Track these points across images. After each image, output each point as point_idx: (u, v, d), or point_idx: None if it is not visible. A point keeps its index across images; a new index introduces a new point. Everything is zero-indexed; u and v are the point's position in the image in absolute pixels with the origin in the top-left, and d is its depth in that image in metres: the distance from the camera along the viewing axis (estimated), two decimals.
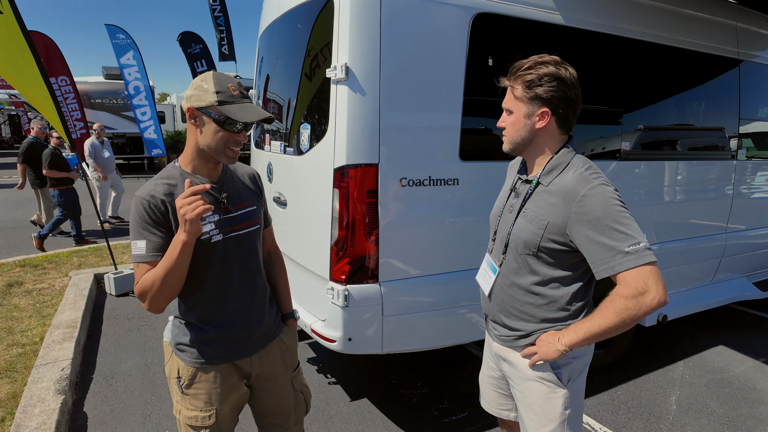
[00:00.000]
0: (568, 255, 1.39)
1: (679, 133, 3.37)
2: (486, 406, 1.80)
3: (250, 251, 1.53)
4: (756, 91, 3.84)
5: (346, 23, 2.18)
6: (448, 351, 3.56)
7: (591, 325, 1.32)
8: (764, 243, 4.13)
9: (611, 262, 1.28)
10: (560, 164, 1.42)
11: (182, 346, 1.51)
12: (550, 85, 1.36)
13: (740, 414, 2.86)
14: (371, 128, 2.23)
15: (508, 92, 1.45)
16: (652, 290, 1.24)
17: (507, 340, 1.56)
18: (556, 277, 1.42)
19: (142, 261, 1.34)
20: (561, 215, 1.35)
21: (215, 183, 1.46)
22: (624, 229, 1.27)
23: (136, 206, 1.36)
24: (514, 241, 1.47)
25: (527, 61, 1.42)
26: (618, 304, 1.27)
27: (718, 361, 3.50)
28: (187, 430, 1.52)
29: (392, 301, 2.40)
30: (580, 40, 2.78)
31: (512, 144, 1.47)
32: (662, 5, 3.10)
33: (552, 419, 1.47)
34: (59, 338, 3.47)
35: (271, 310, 1.64)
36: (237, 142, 1.38)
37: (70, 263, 5.52)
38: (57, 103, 4.29)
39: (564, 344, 1.37)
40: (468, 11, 2.39)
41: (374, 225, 2.30)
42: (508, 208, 1.55)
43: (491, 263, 1.59)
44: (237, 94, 1.36)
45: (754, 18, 3.73)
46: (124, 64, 13.41)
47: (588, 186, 1.32)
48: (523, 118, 1.41)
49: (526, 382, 1.51)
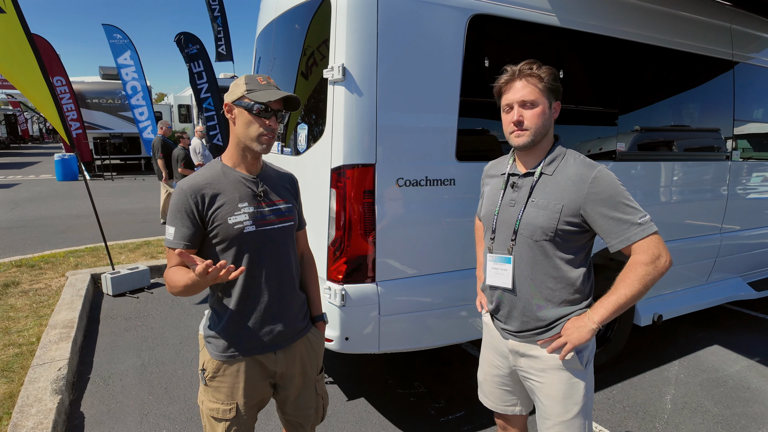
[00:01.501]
0: (579, 236, 1.52)
1: (674, 134, 3.40)
2: (489, 404, 1.83)
3: (281, 246, 1.58)
4: (750, 92, 3.87)
5: (343, 24, 2.19)
6: (444, 351, 3.58)
7: (617, 297, 1.43)
8: (759, 243, 4.16)
9: (627, 233, 1.43)
10: (559, 155, 1.56)
11: (210, 338, 1.57)
12: (558, 81, 1.54)
13: (734, 413, 2.88)
14: (368, 128, 2.25)
15: (524, 87, 1.50)
16: (664, 254, 1.42)
17: (525, 336, 1.60)
18: (569, 259, 1.53)
19: (169, 246, 1.48)
20: (574, 197, 1.47)
21: (255, 177, 1.55)
22: (632, 204, 1.45)
23: (176, 195, 1.47)
24: (528, 228, 1.53)
25: (529, 62, 1.53)
26: (640, 270, 1.41)
27: (712, 361, 3.52)
28: (209, 420, 1.59)
29: (389, 301, 2.41)
30: (576, 41, 2.80)
31: (536, 135, 1.52)
32: (657, 7, 3.12)
33: (576, 403, 1.55)
34: (56, 338, 3.47)
35: (301, 309, 1.67)
36: (268, 128, 1.47)
37: (66, 263, 5.51)
38: (58, 103, 4.30)
39: (595, 322, 1.46)
40: (464, 13, 2.41)
41: (371, 225, 2.31)
42: (507, 203, 1.61)
43: (500, 257, 1.62)
44: (264, 84, 1.49)
45: (749, 20, 3.76)
46: (122, 64, 13.40)
47: (596, 169, 1.47)
48: (548, 110, 1.53)
49: (549, 372, 1.57)
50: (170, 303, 4.54)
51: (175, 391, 3.02)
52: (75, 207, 9.58)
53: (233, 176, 1.51)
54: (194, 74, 11.62)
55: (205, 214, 1.46)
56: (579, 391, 1.54)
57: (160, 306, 4.47)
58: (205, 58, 12.11)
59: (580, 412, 1.55)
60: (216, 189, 1.47)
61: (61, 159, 14.01)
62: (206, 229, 1.48)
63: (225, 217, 1.46)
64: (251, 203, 1.50)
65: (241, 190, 1.50)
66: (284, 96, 1.46)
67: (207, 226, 1.47)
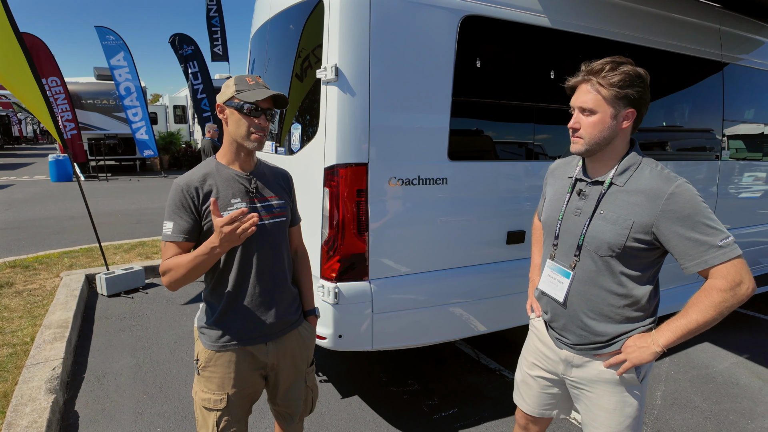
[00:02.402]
0: (648, 253, 1.42)
1: (664, 134, 3.45)
2: (525, 407, 1.79)
3: (273, 241, 1.62)
4: (739, 93, 3.92)
5: (336, 25, 2.22)
6: (438, 348, 3.60)
7: (687, 322, 1.33)
8: (749, 242, 4.22)
9: (704, 256, 1.31)
10: (633, 164, 1.44)
11: (203, 328, 1.62)
12: (639, 85, 1.38)
13: (723, 408, 2.92)
14: (361, 128, 2.27)
15: (587, 92, 1.41)
16: (746, 280, 1.29)
17: (583, 349, 1.55)
18: (635, 276, 1.44)
19: (168, 240, 1.50)
20: (647, 214, 1.36)
21: (248, 174, 1.59)
22: (714, 225, 1.32)
23: (172, 191, 1.51)
24: (593, 243, 1.45)
25: (605, 61, 1.41)
26: (716, 297, 1.30)
27: (702, 358, 3.57)
28: (201, 410, 1.63)
29: (382, 299, 2.43)
30: (566, 42, 2.83)
31: (591, 145, 1.43)
32: (647, 9, 3.16)
33: (629, 416, 1.50)
34: (50, 338, 3.47)
35: (293, 303, 1.72)
36: (258, 126, 1.51)
37: (61, 264, 5.50)
38: (49, 103, 4.29)
39: (660, 345, 1.37)
40: (456, 14, 2.44)
41: (364, 224, 2.34)
42: (572, 211, 1.53)
43: (560, 268, 1.56)
44: (253, 84, 1.53)
45: (737, 21, 3.81)
46: (115, 65, 13.37)
47: (674, 184, 1.35)
48: (609, 118, 1.40)
49: (603, 384, 1.52)
50: (165, 303, 4.55)
51: (169, 390, 3.03)
52: (69, 208, 9.54)
53: (227, 173, 1.56)
54: (189, 75, 11.58)
55: (200, 208, 1.51)
56: (633, 404, 1.50)
57: (155, 306, 4.47)
58: (200, 58, 12.07)
59: (632, 424, 1.51)
60: (210, 185, 1.53)
61: (56, 160, 13.95)
62: (201, 223, 1.52)
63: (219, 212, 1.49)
64: (244, 199, 1.56)
65: (234, 186, 1.55)
66: (272, 95, 1.50)
67: (202, 220, 1.52)
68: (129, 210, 9.46)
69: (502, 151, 2.73)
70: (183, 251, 1.52)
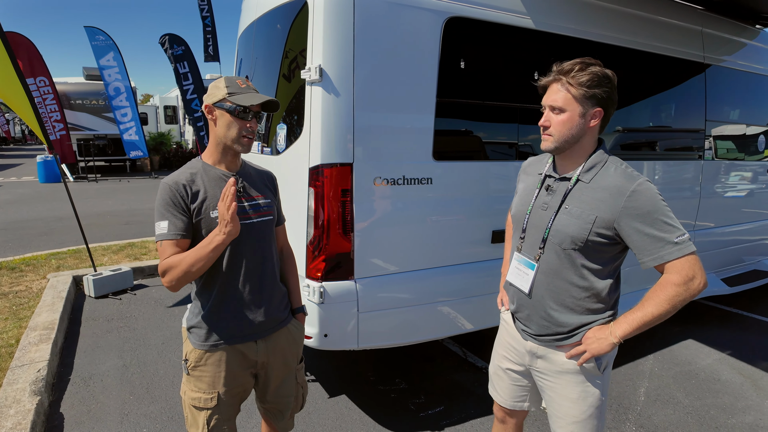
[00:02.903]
0: (610, 248, 1.47)
1: (648, 134, 3.50)
2: (498, 399, 1.84)
3: (261, 239, 1.63)
4: (722, 93, 3.99)
5: (320, 26, 2.23)
6: (425, 347, 3.63)
7: (643, 315, 1.39)
8: (732, 240, 4.29)
9: (661, 252, 1.38)
10: (599, 162, 1.49)
11: (193, 328, 1.63)
12: (606, 86, 1.44)
13: (704, 403, 2.97)
14: (345, 128, 2.29)
15: (557, 91, 1.47)
16: (698, 276, 1.36)
17: (545, 340, 1.60)
18: (596, 269, 1.49)
19: (165, 239, 1.49)
20: (609, 210, 1.42)
21: (234, 174, 1.61)
22: (671, 222, 1.38)
23: (161, 191, 1.51)
24: (557, 236, 1.50)
25: (574, 62, 1.46)
26: (670, 291, 1.37)
27: (686, 354, 3.62)
28: (190, 410, 1.63)
29: (368, 298, 2.45)
30: (550, 44, 2.87)
31: (560, 142, 1.48)
32: (630, 11, 3.21)
33: (591, 405, 1.56)
34: (36, 340, 3.44)
35: (282, 301, 1.74)
36: (249, 130, 1.53)
37: (48, 266, 5.46)
38: (34, 104, 4.26)
39: (617, 336, 1.43)
40: (440, 15, 2.46)
41: (349, 223, 2.36)
42: (539, 206, 1.58)
43: (526, 260, 1.62)
44: (244, 87, 1.54)
45: (719, 23, 3.88)
46: (104, 65, 13.25)
47: (636, 182, 1.40)
48: (578, 117, 1.45)
49: (566, 375, 1.57)
50: (153, 304, 4.53)
51: (156, 391, 3.03)
52: (58, 209, 9.45)
53: (213, 173, 1.57)
54: (180, 75, 11.50)
55: (190, 206, 1.52)
56: (594, 394, 1.55)
57: (143, 307, 4.45)
58: (190, 59, 12.02)
59: (594, 413, 1.56)
60: (197, 185, 1.54)
61: (44, 161, 13.81)
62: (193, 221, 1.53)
63: (207, 210, 1.52)
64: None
65: (222, 186, 1.56)
66: (266, 101, 1.52)
67: (193, 218, 1.53)
68: (118, 211, 9.39)
69: (487, 151, 2.76)
70: (181, 249, 1.51)
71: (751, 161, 4.37)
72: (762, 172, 4.49)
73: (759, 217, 4.56)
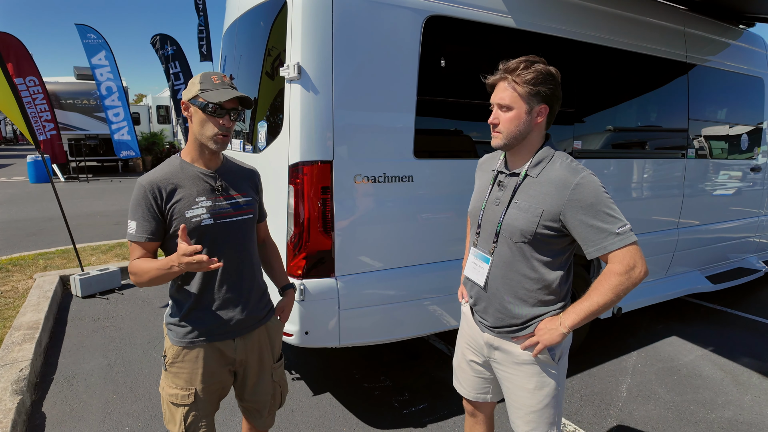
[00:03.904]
0: (558, 240, 1.52)
1: (630, 133, 3.53)
2: (462, 391, 1.88)
3: (240, 238, 1.63)
4: (705, 93, 4.03)
5: (298, 23, 2.24)
6: (411, 344, 3.64)
7: (589, 305, 1.45)
8: (715, 238, 4.33)
9: (604, 242, 1.43)
10: (546, 157, 1.54)
11: (171, 325, 1.63)
12: (550, 83, 1.49)
13: (685, 399, 3.00)
14: (325, 126, 2.29)
15: (504, 90, 1.50)
16: (639, 265, 1.42)
17: (501, 332, 1.64)
18: (546, 261, 1.54)
19: (131, 240, 1.53)
20: (555, 203, 1.46)
21: (213, 172, 1.60)
22: (614, 213, 1.43)
23: (136, 190, 1.51)
24: (508, 230, 1.55)
25: (519, 60, 1.50)
26: (613, 280, 1.42)
27: (669, 351, 3.66)
28: (168, 406, 1.63)
29: (349, 295, 2.46)
30: (531, 43, 2.89)
31: (508, 139, 1.52)
32: (612, 10, 3.24)
33: (548, 394, 1.60)
34: (19, 339, 3.43)
35: (261, 299, 1.74)
36: (223, 127, 1.51)
37: (35, 265, 5.42)
38: (22, 104, 4.23)
39: (566, 326, 1.49)
40: (420, 14, 2.47)
41: (330, 221, 2.36)
42: (492, 201, 1.63)
43: (481, 254, 1.66)
44: (218, 83, 1.52)
45: (702, 23, 3.92)
46: (96, 64, 13.16)
47: (579, 176, 1.45)
48: (524, 114, 1.50)
49: (522, 365, 1.61)
50: (140, 304, 4.52)
51: (140, 390, 3.02)
52: (48, 209, 9.39)
53: (191, 171, 1.56)
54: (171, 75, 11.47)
55: (164, 207, 1.51)
56: (550, 383, 1.60)
57: (130, 307, 4.44)
58: (182, 58, 11.97)
59: (551, 402, 1.61)
60: (174, 184, 1.53)
61: (34, 161, 13.71)
62: (166, 223, 1.53)
63: (182, 210, 1.51)
64: (209, 197, 1.56)
65: (199, 184, 1.56)
66: (237, 96, 1.50)
67: (166, 219, 1.52)
68: (109, 211, 9.35)
69: (467, 149, 2.77)
70: (148, 251, 1.53)
71: (735, 160, 4.41)
72: (745, 170, 4.54)
73: (743, 215, 4.60)
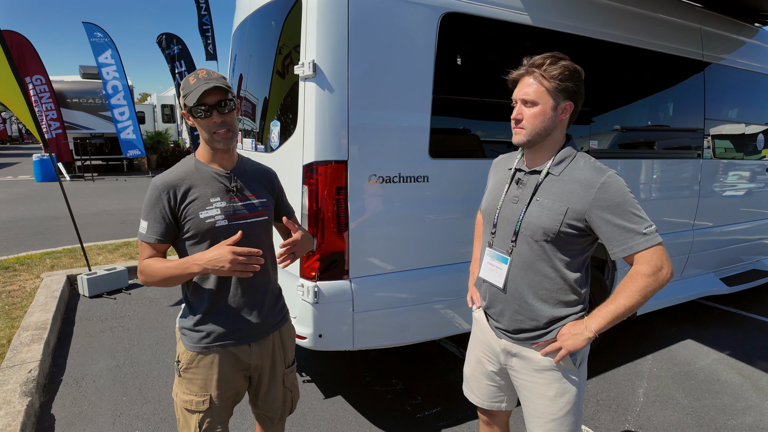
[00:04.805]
0: (581, 240, 1.49)
1: (646, 132, 3.46)
2: (475, 400, 1.82)
3: (255, 240, 1.59)
4: (720, 92, 3.96)
5: (313, 20, 2.19)
6: (422, 347, 3.59)
7: (616, 307, 1.41)
8: (730, 240, 4.26)
9: (630, 242, 1.40)
10: (568, 156, 1.51)
11: (185, 330, 1.59)
12: (576, 80, 1.46)
13: (704, 404, 2.94)
14: (340, 125, 2.25)
15: (529, 84, 1.47)
16: (666, 266, 1.39)
17: (519, 338, 1.58)
18: (568, 261, 1.51)
19: (142, 240, 1.51)
20: (581, 201, 1.43)
21: (228, 172, 1.57)
22: (640, 214, 1.41)
23: (150, 190, 1.49)
24: (529, 228, 1.50)
25: (545, 56, 1.47)
26: (640, 282, 1.39)
27: (685, 355, 3.59)
28: (182, 413, 1.60)
29: (363, 298, 2.41)
30: (548, 40, 2.83)
31: (532, 135, 1.49)
32: (628, 7, 3.18)
33: (568, 401, 1.55)
34: (27, 340, 3.40)
35: (276, 302, 1.70)
36: (216, 125, 1.47)
37: (42, 265, 5.41)
38: (30, 102, 4.21)
39: (592, 331, 1.44)
40: (436, 11, 2.42)
41: (344, 222, 2.32)
42: (510, 199, 1.59)
43: (498, 255, 1.60)
44: (194, 82, 1.46)
45: (718, 21, 3.85)
46: (102, 63, 13.21)
47: (606, 175, 1.43)
48: (550, 110, 1.46)
49: (542, 372, 1.56)
50: (148, 304, 4.49)
51: (149, 392, 2.99)
52: (54, 208, 9.39)
53: (206, 172, 1.54)
54: (177, 74, 11.46)
55: (177, 209, 1.48)
56: (571, 390, 1.55)
57: (138, 307, 4.41)
58: (187, 57, 11.98)
59: (572, 410, 1.55)
60: (188, 184, 1.50)
61: (40, 159, 13.73)
62: (178, 224, 1.50)
63: (197, 211, 1.49)
64: (223, 198, 1.53)
65: (214, 185, 1.53)
66: (209, 88, 1.42)
67: (179, 221, 1.50)
68: (115, 210, 9.34)
69: (484, 149, 2.72)
70: (158, 252, 1.51)
71: (751, 160, 4.34)
72: (761, 171, 4.46)
73: (758, 217, 4.53)
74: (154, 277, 1.47)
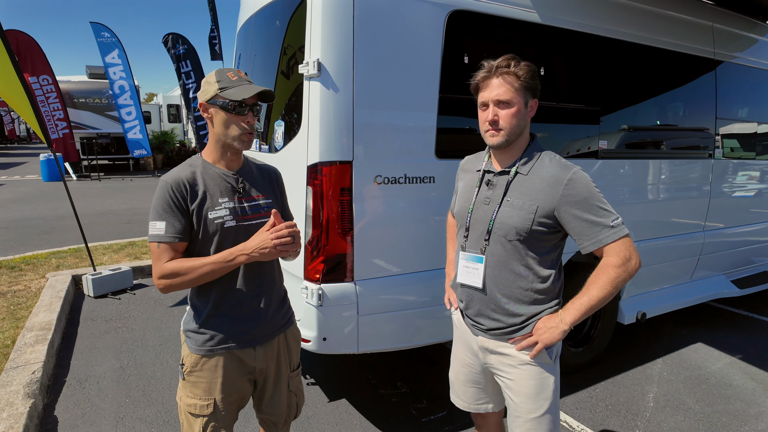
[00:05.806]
0: (551, 236, 1.53)
1: (657, 132, 3.40)
2: (460, 404, 1.83)
3: None
4: (732, 91, 3.88)
5: (318, 18, 2.15)
6: (428, 350, 3.55)
7: (589, 299, 1.45)
8: (742, 241, 4.19)
9: (599, 236, 1.45)
10: (534, 155, 1.55)
11: (189, 332, 1.56)
12: (538, 78, 1.52)
13: (716, 410, 2.88)
14: (345, 125, 2.21)
15: (500, 86, 1.48)
16: (634, 256, 1.44)
17: (496, 334, 1.60)
18: (540, 258, 1.54)
19: (161, 241, 1.42)
20: (549, 199, 1.47)
21: (235, 173, 1.55)
22: (606, 207, 1.45)
23: (160, 189, 1.44)
24: (502, 228, 1.53)
25: (508, 57, 1.50)
26: (611, 273, 1.43)
27: (695, 358, 3.53)
28: (186, 417, 1.57)
29: (368, 300, 2.37)
30: (557, 38, 2.78)
31: (510, 135, 1.50)
32: (638, 5, 3.12)
33: (546, 398, 1.57)
34: (32, 341, 3.39)
35: (282, 306, 1.68)
36: (248, 125, 1.46)
37: (48, 265, 5.42)
38: (34, 102, 4.21)
39: (567, 323, 1.47)
40: (443, 8, 2.38)
41: (349, 223, 2.28)
42: (482, 201, 1.61)
43: (473, 256, 1.62)
44: (235, 79, 1.46)
45: (730, 19, 3.77)
46: (109, 63, 13.26)
47: (571, 171, 1.47)
48: (523, 108, 1.50)
49: (519, 368, 1.58)
50: (152, 304, 4.48)
51: (153, 394, 2.96)
52: (60, 208, 9.43)
53: (213, 172, 1.51)
54: (182, 74, 11.48)
55: (190, 205, 1.46)
56: (549, 386, 1.57)
57: (143, 307, 4.40)
58: (193, 57, 11.99)
59: (550, 407, 1.57)
60: (197, 184, 1.48)
61: (47, 159, 13.82)
62: (190, 222, 1.48)
63: (206, 211, 1.47)
64: (231, 198, 1.52)
65: (221, 185, 1.51)
66: (259, 91, 1.44)
67: (192, 218, 1.47)
68: (120, 210, 9.36)
69: None
70: (178, 253, 1.46)
71: (763, 160, 4.26)
72: None
73: None
74: (189, 276, 1.41)
